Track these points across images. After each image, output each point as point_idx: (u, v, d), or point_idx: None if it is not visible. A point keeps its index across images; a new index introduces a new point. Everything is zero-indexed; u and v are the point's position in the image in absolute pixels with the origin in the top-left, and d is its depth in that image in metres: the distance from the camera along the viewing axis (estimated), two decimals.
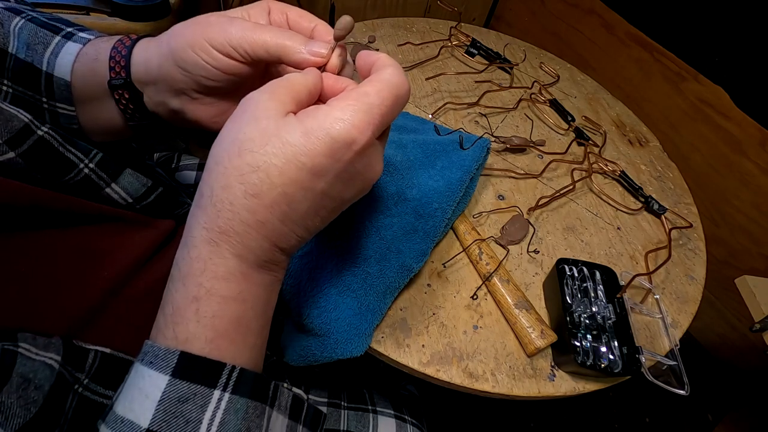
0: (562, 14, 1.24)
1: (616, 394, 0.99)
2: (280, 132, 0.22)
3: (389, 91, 0.24)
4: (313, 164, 0.22)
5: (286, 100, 0.24)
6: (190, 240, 0.24)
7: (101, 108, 0.33)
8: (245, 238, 0.23)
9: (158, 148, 0.56)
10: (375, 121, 0.23)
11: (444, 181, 0.44)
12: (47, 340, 0.25)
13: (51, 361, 0.24)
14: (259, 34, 0.27)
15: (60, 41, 0.31)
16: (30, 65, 0.30)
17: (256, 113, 0.23)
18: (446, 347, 0.40)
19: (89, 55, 0.31)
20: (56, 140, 0.29)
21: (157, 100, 0.32)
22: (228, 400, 0.22)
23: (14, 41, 0.30)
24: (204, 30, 0.28)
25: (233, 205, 0.22)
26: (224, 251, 0.23)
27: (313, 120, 0.23)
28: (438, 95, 0.64)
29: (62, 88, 0.31)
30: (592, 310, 0.42)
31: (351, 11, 1.23)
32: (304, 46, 0.27)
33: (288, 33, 0.28)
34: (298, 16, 0.31)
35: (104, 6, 0.76)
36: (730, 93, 0.89)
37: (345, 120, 0.22)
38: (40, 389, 0.23)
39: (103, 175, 0.32)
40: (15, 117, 0.27)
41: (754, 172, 0.89)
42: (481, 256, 0.45)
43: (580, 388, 0.40)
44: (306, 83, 0.26)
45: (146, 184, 0.35)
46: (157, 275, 0.34)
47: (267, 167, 0.22)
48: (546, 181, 0.57)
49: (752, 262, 0.94)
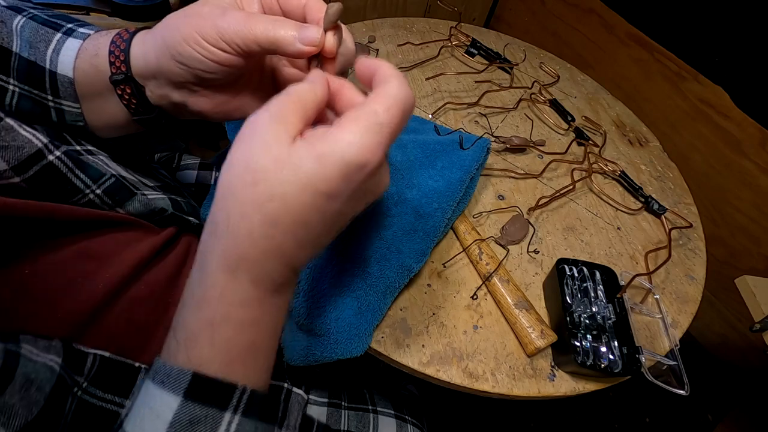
0: (562, 14, 1.24)
1: (616, 394, 0.99)
2: (293, 159, 0.22)
3: (397, 107, 0.24)
4: (328, 189, 0.22)
5: (294, 120, 0.24)
6: (206, 267, 0.24)
7: (105, 103, 0.33)
8: (263, 265, 0.23)
9: (158, 148, 0.56)
10: (385, 141, 0.23)
11: (444, 181, 0.44)
12: (48, 343, 0.25)
13: (52, 363, 0.24)
14: (250, 27, 0.27)
15: (61, 38, 0.31)
16: (34, 63, 0.30)
17: (266, 139, 0.23)
18: (446, 347, 0.40)
19: (89, 50, 0.31)
20: (66, 165, 0.29)
21: (159, 93, 0.31)
22: (238, 423, 0.22)
23: (17, 40, 0.30)
24: (197, 23, 0.27)
25: (251, 233, 0.22)
26: (242, 278, 0.23)
27: (325, 144, 0.22)
28: (438, 95, 0.64)
29: (66, 86, 0.31)
30: (592, 310, 0.42)
31: (351, 11, 1.22)
32: (296, 33, 0.27)
33: (279, 23, 0.27)
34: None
35: (104, 6, 0.76)
36: (730, 93, 0.89)
37: (357, 143, 0.22)
38: (41, 390, 0.23)
39: (108, 201, 0.32)
40: (28, 143, 0.27)
41: (754, 172, 0.89)
42: (481, 256, 0.45)
43: (580, 388, 0.40)
44: (314, 98, 0.25)
45: (153, 209, 0.35)
46: (160, 277, 0.34)
47: (283, 195, 0.22)
48: (546, 181, 0.57)
49: (752, 262, 0.94)
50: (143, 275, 0.33)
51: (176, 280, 0.36)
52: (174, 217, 0.38)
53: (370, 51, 0.67)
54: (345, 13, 0.28)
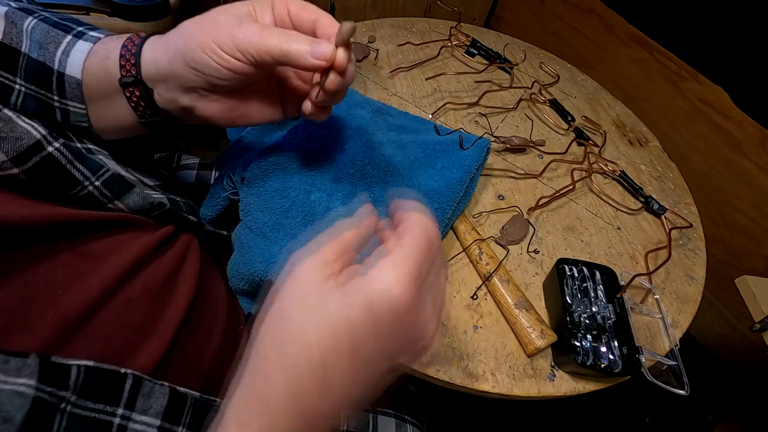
0: (562, 14, 1.24)
1: (616, 394, 0.99)
2: (320, 300, 0.22)
3: (424, 246, 0.23)
4: (351, 328, 0.21)
5: (331, 258, 0.24)
6: (222, 415, 0.23)
7: (112, 105, 0.33)
8: (278, 414, 0.21)
9: (158, 148, 0.56)
10: (413, 276, 0.22)
11: (444, 181, 0.44)
12: (22, 362, 0.23)
13: (22, 388, 0.22)
14: (264, 39, 0.28)
15: (71, 40, 0.31)
16: (42, 64, 0.30)
17: (303, 282, 0.23)
18: (446, 347, 0.40)
19: (100, 53, 0.32)
20: (65, 157, 0.29)
21: (168, 98, 0.32)
22: None
23: (27, 41, 0.30)
24: (213, 31, 0.28)
25: (267, 376, 0.21)
26: (252, 428, 0.21)
27: (353, 282, 0.22)
28: (438, 95, 0.64)
29: (73, 87, 0.31)
30: (592, 310, 0.42)
31: (351, 11, 1.22)
32: (309, 48, 0.28)
33: (292, 37, 0.29)
34: (299, 9, 0.31)
35: (104, 6, 0.76)
36: (730, 93, 0.89)
37: (385, 279, 0.21)
38: (10, 421, 0.21)
39: (107, 193, 0.33)
40: (27, 134, 0.27)
41: (754, 172, 0.89)
42: (481, 256, 0.45)
43: (580, 388, 0.40)
44: (357, 238, 0.25)
45: (152, 203, 0.36)
46: (157, 275, 0.34)
47: (304, 336, 0.21)
48: (546, 181, 0.57)
49: (752, 262, 0.94)
50: (140, 273, 0.33)
51: (174, 279, 0.36)
52: (172, 214, 0.39)
53: (370, 51, 0.67)
54: (345, 13, 0.29)
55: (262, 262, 0.38)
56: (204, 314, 0.37)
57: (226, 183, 0.44)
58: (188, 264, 0.38)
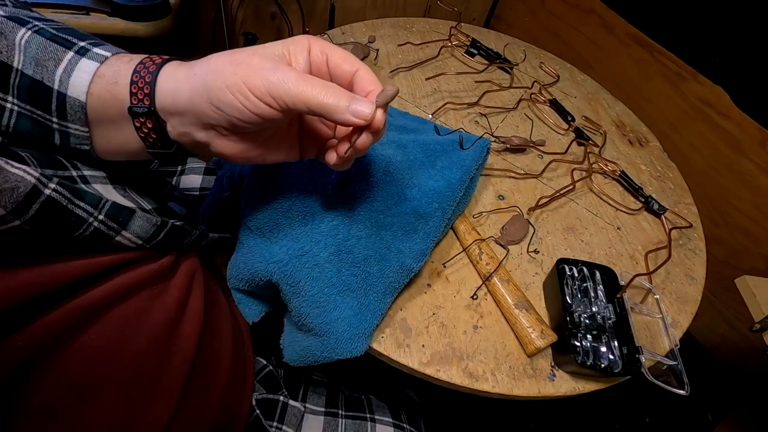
0: (562, 14, 1.24)
1: (616, 394, 0.99)
2: None
3: None
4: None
5: None
6: None
7: (118, 131, 0.31)
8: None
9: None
10: None
11: (444, 181, 0.44)
12: None
13: None
14: (302, 88, 0.27)
15: (73, 58, 0.29)
16: (39, 83, 0.28)
17: None
18: (446, 347, 0.40)
19: (107, 77, 0.29)
20: (64, 197, 0.27)
21: (182, 131, 0.30)
22: None
23: (20, 55, 0.28)
24: (245, 73, 0.27)
25: None
26: None
27: None
28: (438, 95, 0.64)
29: (76, 109, 0.29)
30: (592, 310, 0.42)
31: (351, 11, 1.23)
32: (349, 104, 0.27)
33: (332, 90, 0.27)
34: (339, 59, 0.30)
35: (104, 6, 0.76)
36: (730, 93, 0.89)
37: None
38: None
39: (113, 225, 0.30)
40: (21, 181, 0.25)
41: (754, 172, 0.89)
42: (481, 256, 0.45)
43: (580, 388, 0.40)
44: None
45: (156, 224, 0.33)
46: (159, 320, 0.33)
47: None
48: (546, 181, 0.57)
49: (752, 262, 0.94)
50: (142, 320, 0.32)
51: (177, 325, 0.34)
52: (178, 231, 0.36)
53: (370, 51, 0.67)
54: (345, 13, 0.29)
55: (262, 262, 0.38)
56: (210, 348, 0.37)
57: (226, 183, 0.44)
58: (192, 301, 0.36)
